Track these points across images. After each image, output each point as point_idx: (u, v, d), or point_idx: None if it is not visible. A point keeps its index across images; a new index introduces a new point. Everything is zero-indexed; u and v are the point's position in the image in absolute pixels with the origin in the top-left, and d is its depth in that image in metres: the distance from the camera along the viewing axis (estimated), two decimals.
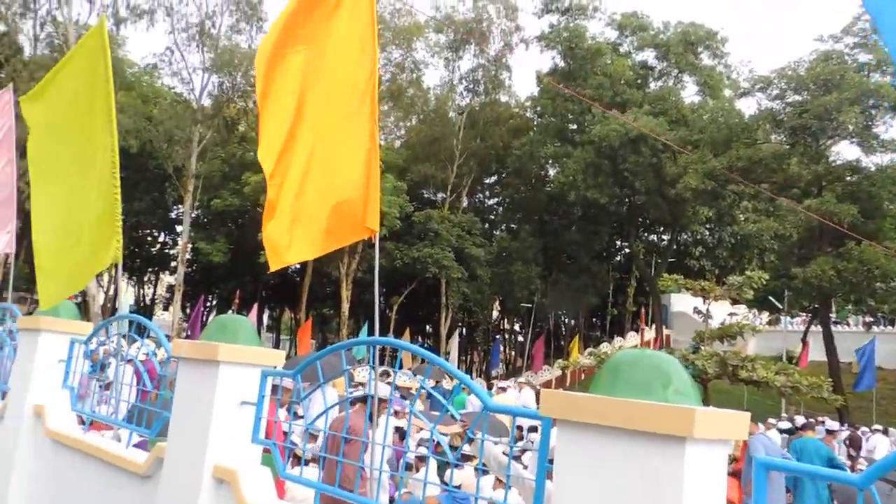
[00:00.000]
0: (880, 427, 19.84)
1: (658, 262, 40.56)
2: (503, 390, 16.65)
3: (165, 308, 50.85)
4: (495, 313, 49.23)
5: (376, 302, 4.12)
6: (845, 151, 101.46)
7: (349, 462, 3.25)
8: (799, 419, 14.46)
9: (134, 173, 33.95)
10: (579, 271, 40.67)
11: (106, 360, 5.73)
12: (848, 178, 28.95)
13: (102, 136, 5.09)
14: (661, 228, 43.48)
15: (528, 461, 8.38)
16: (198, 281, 42.87)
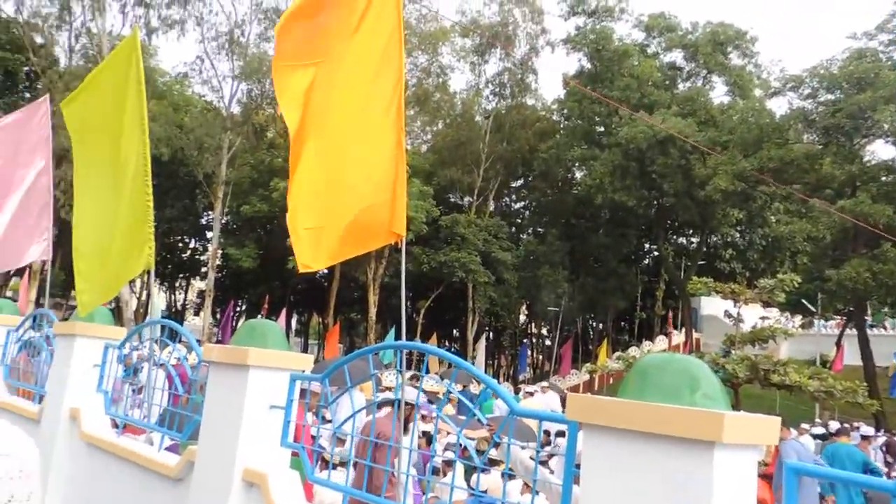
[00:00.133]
0: None
1: (687, 265, 40.06)
2: (530, 395, 16.53)
3: (196, 313, 51.54)
4: (522, 317, 49.01)
5: (402, 306, 4.13)
6: (880, 151, 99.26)
7: (378, 466, 3.26)
8: (833, 425, 14.16)
9: (165, 180, 34.48)
10: (607, 275, 40.34)
11: (139, 365, 5.82)
12: (883, 178, 28.29)
13: (135, 145, 5.18)
14: (691, 231, 42.96)
15: (556, 466, 8.33)
16: (228, 286, 43.41)
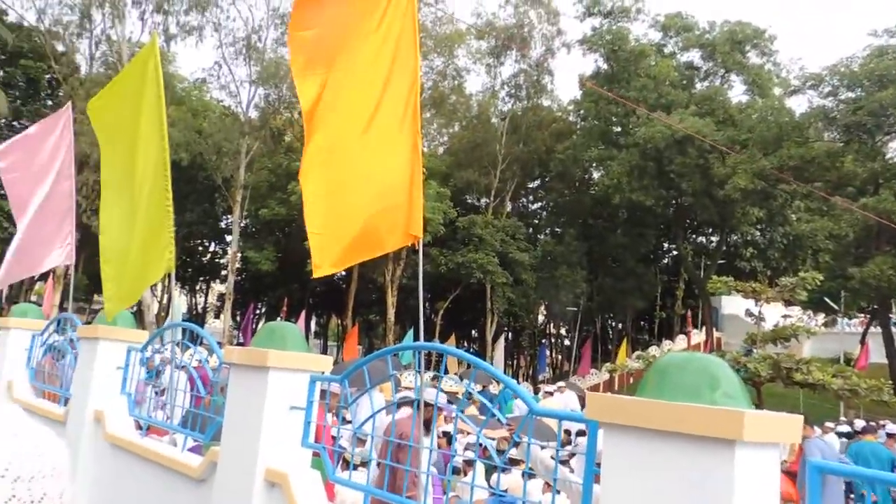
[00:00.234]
0: None
1: (707, 264, 39.75)
2: (549, 395, 16.47)
3: (216, 316, 51.94)
4: (541, 317, 48.88)
5: (420, 307, 4.15)
6: None
7: (399, 466, 3.28)
8: (859, 423, 13.98)
9: (185, 185, 34.81)
10: (625, 274, 40.13)
11: (161, 367, 5.89)
12: None
13: (155, 150, 5.24)
14: (710, 230, 42.61)
15: (576, 465, 8.30)
16: (247, 289, 43.74)
